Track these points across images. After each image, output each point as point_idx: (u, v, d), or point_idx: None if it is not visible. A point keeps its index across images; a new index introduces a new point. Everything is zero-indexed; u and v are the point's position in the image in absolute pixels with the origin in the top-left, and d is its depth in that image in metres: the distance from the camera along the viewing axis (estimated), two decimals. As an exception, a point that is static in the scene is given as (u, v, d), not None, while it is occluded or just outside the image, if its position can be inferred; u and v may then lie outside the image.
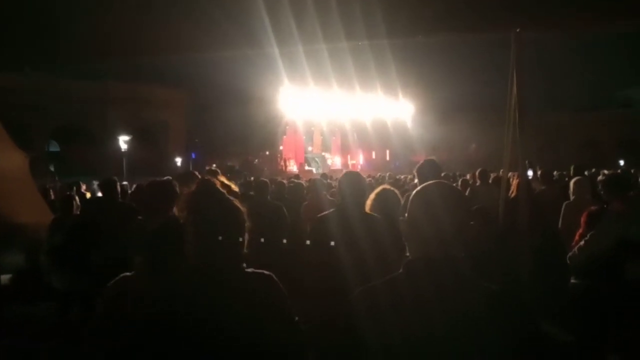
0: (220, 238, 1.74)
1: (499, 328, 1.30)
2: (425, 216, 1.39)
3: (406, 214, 1.43)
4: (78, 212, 5.27)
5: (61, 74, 31.70)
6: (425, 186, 1.46)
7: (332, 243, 2.98)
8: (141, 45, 4.81)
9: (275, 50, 4.25)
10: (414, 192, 1.44)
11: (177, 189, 2.57)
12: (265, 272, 1.81)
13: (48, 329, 4.53)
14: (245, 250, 1.81)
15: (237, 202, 1.83)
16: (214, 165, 15.24)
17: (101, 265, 3.46)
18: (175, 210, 2.07)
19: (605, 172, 5.35)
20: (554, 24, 4.22)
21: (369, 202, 3.67)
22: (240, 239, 1.80)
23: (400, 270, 1.40)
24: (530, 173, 6.92)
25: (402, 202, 3.75)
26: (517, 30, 3.74)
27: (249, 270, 1.78)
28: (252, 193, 5.85)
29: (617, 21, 4.43)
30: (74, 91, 34.49)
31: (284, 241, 4.77)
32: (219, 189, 1.82)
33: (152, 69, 29.95)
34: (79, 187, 8.54)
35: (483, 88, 38.11)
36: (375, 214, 3.39)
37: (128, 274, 2.10)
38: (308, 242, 3.27)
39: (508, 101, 3.92)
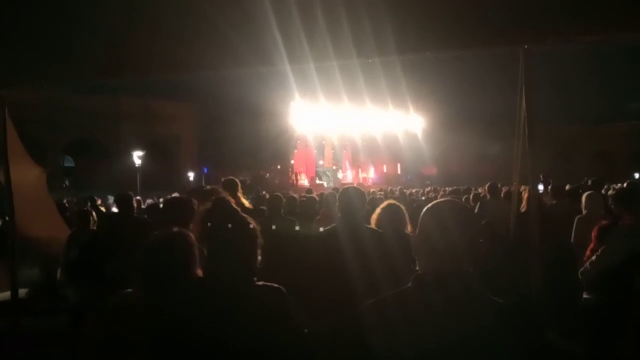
0: (232, 253, 1.80)
1: (508, 342, 1.33)
2: (436, 232, 1.43)
3: (417, 229, 1.48)
4: (94, 227, 5.36)
5: (74, 89, 32.09)
6: (436, 203, 1.51)
7: (321, 230, 3.00)
8: (155, 64, 4.91)
9: (287, 67, 4.32)
10: (425, 208, 1.49)
11: (195, 206, 2.64)
12: (275, 285, 1.86)
13: (63, 341, 4.60)
14: (258, 266, 1.88)
15: (250, 219, 1.90)
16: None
17: (117, 280, 3.53)
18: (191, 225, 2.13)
19: (615, 186, 5.33)
20: (563, 40, 4.25)
21: (374, 216, 3.72)
22: (252, 255, 1.86)
23: (410, 284, 1.44)
24: (541, 187, 6.89)
25: (409, 215, 3.80)
26: (525, 46, 3.78)
27: (260, 283, 1.84)
28: (263, 207, 5.90)
29: (627, 34, 4.44)
30: (87, 106, 34.90)
31: (273, 227, 4.77)
32: (233, 206, 1.90)
33: (164, 83, 30.36)
34: (94, 202, 8.65)
35: (494, 100, 38.03)
36: (375, 228, 3.43)
37: (129, 290, 2.15)
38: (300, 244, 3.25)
39: (517, 116, 3.95)
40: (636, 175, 32.78)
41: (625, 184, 7.73)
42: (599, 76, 47.98)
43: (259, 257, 1.88)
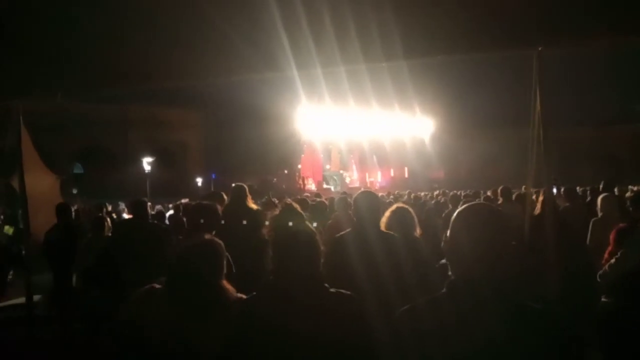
0: (298, 258, 1.82)
1: (539, 347, 1.33)
2: (467, 237, 1.42)
3: (448, 234, 1.47)
4: (109, 234, 5.38)
5: (83, 98, 32.27)
6: (466, 208, 1.50)
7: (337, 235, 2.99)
8: (164, 71, 4.96)
9: (295, 73, 4.35)
10: (456, 213, 1.48)
11: (220, 212, 2.65)
12: (348, 292, 1.86)
13: (80, 347, 4.62)
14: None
15: (311, 226, 1.92)
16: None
17: (133, 286, 3.54)
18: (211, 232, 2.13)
19: (634, 188, 5.29)
20: (577, 42, 4.23)
21: (384, 220, 3.70)
22: (317, 262, 1.87)
23: (443, 290, 1.43)
24: (554, 190, 6.86)
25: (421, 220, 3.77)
26: (540, 48, 3.77)
27: (333, 290, 1.84)
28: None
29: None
30: (95, 114, 35.17)
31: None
32: (300, 213, 1.92)
33: (171, 90, 30.54)
34: (107, 208, 8.69)
35: (502, 103, 37.95)
36: (392, 232, 3.41)
37: (157, 285, 2.16)
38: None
39: (531, 118, 3.93)
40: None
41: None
42: (607, 78, 47.71)
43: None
